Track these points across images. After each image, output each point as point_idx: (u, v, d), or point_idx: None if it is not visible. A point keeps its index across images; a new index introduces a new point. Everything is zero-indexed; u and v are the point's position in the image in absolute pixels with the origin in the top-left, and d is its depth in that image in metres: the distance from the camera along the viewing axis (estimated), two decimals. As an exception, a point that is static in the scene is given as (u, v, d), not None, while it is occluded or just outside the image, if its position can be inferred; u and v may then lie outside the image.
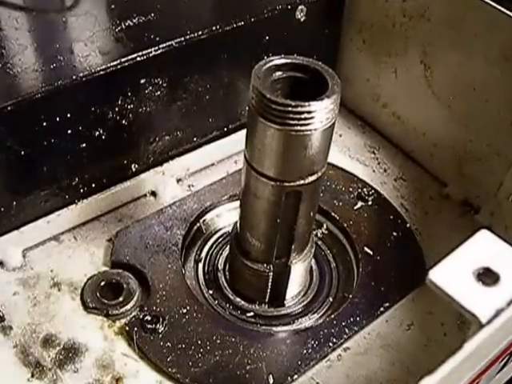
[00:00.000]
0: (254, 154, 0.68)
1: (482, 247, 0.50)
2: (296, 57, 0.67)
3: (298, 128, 0.62)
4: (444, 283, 0.47)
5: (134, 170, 0.88)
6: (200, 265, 0.86)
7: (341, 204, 0.91)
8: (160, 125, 0.86)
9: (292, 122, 0.62)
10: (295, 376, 0.72)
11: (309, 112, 0.62)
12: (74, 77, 0.74)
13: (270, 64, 0.66)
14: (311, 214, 0.74)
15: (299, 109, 0.61)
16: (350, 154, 1.02)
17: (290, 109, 0.61)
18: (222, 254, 0.87)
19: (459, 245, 0.51)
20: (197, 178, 0.96)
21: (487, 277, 0.48)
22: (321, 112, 0.62)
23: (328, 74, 0.65)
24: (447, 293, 0.47)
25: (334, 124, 0.65)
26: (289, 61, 0.66)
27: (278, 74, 0.66)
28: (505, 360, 0.59)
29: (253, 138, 0.67)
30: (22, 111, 0.72)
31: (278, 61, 0.66)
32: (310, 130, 0.63)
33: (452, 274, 0.48)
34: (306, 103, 0.61)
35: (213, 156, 0.97)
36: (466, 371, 0.48)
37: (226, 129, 0.95)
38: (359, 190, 0.93)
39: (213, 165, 0.97)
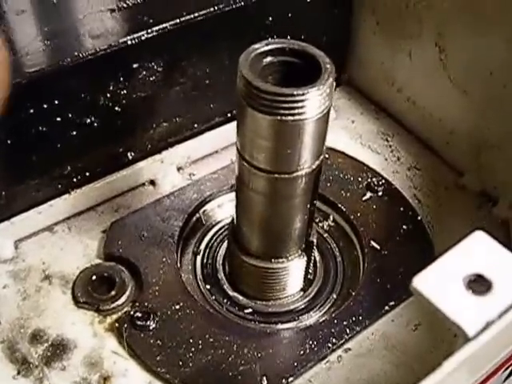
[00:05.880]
0: (244, 144, 0.64)
1: (476, 251, 0.46)
2: (286, 40, 0.63)
3: (289, 118, 0.58)
4: (428, 291, 0.43)
5: (130, 158, 0.85)
6: (198, 258, 0.83)
7: (348, 195, 0.87)
8: (157, 111, 0.83)
9: (282, 111, 0.58)
10: (291, 378, 0.69)
11: (299, 101, 0.58)
12: (61, 61, 0.71)
13: (258, 51, 0.61)
14: (308, 207, 0.69)
15: (289, 98, 0.57)
16: (361, 142, 0.97)
17: (278, 98, 0.57)
18: (222, 246, 0.84)
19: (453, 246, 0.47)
20: (198, 167, 0.92)
21: (479, 284, 0.44)
22: (313, 100, 0.58)
23: (320, 57, 0.60)
24: (431, 301, 0.43)
25: (328, 112, 0.61)
26: (278, 46, 0.62)
27: (269, 59, 0.62)
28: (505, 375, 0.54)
29: (242, 128, 0.63)
30: (5, 98, 0.69)
31: (267, 47, 0.62)
32: (302, 120, 0.59)
33: (439, 281, 0.44)
34: (296, 90, 0.57)
35: (216, 143, 0.93)
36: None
37: (229, 114, 0.91)
38: (369, 180, 0.88)
39: (216, 152, 0.94)
